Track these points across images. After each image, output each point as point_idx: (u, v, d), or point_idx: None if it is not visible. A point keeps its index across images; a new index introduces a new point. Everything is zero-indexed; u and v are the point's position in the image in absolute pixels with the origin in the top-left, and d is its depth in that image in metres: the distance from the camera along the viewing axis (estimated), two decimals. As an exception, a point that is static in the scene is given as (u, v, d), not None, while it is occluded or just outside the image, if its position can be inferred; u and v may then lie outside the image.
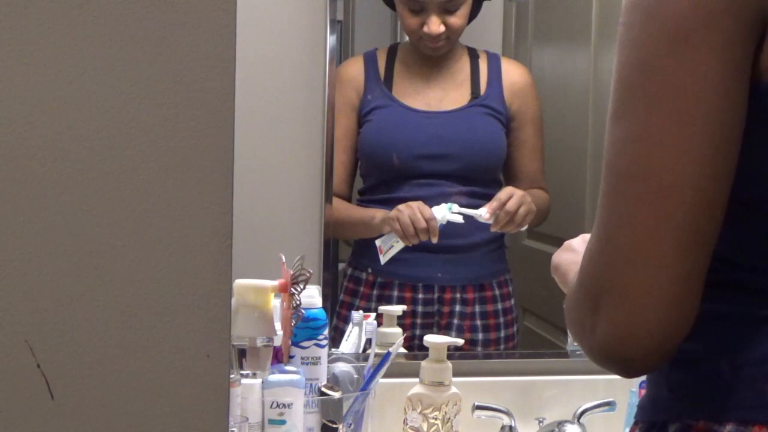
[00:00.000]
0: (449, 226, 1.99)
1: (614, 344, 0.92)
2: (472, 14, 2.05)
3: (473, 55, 2.08)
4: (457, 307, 2.05)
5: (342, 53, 2.03)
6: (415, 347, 1.98)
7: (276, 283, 1.63)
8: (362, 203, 2.06)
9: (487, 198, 2.03)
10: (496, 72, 2.07)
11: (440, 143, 2.03)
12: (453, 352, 1.86)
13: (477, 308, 2.05)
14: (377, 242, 1.99)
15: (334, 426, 1.63)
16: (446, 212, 1.97)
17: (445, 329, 2.03)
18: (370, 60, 2.06)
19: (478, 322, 2.05)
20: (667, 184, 0.90)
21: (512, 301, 2.09)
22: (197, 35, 0.95)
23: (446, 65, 2.08)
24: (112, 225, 0.94)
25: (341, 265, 2.06)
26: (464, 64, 2.07)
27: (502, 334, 2.07)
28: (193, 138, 0.95)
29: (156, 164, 0.94)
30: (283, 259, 1.66)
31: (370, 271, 2.04)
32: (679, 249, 0.90)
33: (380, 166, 2.04)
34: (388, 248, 1.99)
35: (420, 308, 2.04)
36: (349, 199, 2.05)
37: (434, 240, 1.97)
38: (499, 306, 2.07)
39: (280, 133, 1.92)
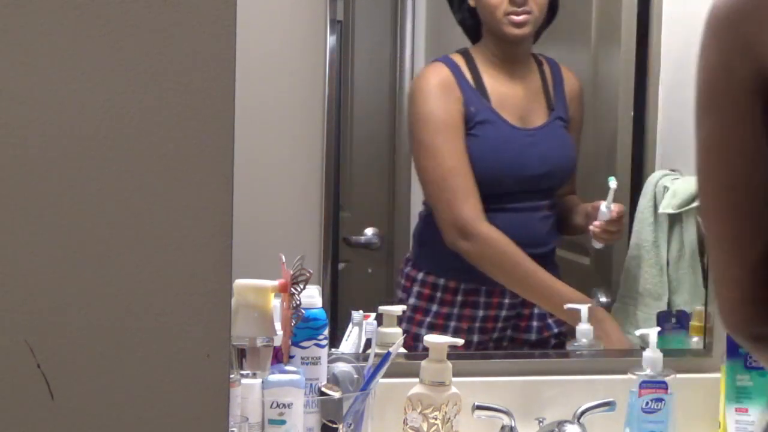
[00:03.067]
0: (533, 235, 2.05)
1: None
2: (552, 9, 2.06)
3: (537, 61, 2.08)
4: (536, 309, 2.07)
5: (342, 53, 2.02)
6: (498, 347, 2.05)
7: (276, 283, 1.63)
8: None
9: (557, 208, 2.09)
10: (559, 80, 2.08)
11: (543, 162, 2.06)
12: (453, 352, 1.86)
13: (535, 309, 2.09)
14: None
15: (334, 426, 1.63)
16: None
17: (524, 332, 2.07)
18: (452, 66, 2.02)
19: (534, 323, 2.08)
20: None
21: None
22: (197, 35, 0.95)
23: (523, 74, 2.08)
24: (112, 225, 0.94)
25: (342, 265, 2.06)
26: (535, 73, 2.07)
27: (555, 331, 2.10)
28: (193, 138, 0.95)
29: (156, 164, 0.94)
30: (283, 259, 1.66)
31: (451, 276, 2.04)
32: None
33: (488, 183, 2.01)
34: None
35: (504, 312, 2.05)
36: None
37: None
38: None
39: (280, 133, 1.92)
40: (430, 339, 1.78)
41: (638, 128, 2.15)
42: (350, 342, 1.93)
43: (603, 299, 2.15)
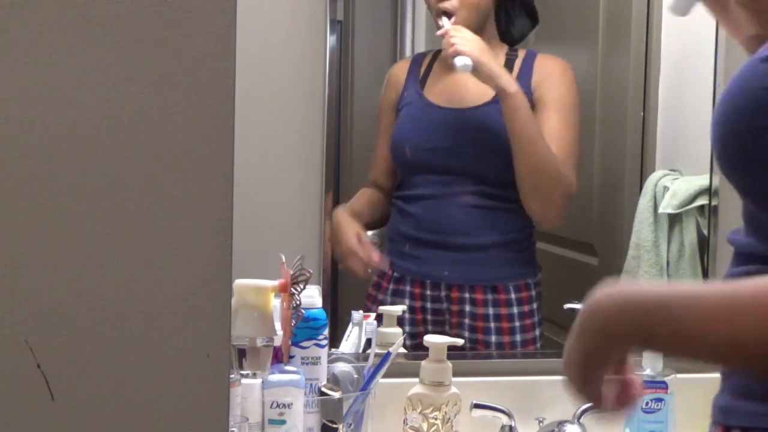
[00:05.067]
0: (448, 223, 2.01)
1: None
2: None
3: (511, 55, 2.04)
4: (467, 307, 2.03)
5: (342, 53, 2.03)
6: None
7: (276, 283, 1.63)
8: (393, 199, 2.07)
9: (500, 200, 2.02)
10: (528, 67, 2.03)
11: (448, 137, 2.01)
12: (454, 352, 1.86)
13: (490, 310, 2.03)
14: None
15: (334, 426, 1.63)
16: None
17: (456, 328, 2.02)
18: (416, 60, 2.08)
19: (492, 324, 2.03)
20: None
21: (534, 306, 2.05)
22: (197, 35, 0.95)
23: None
24: (112, 225, 0.94)
25: (341, 265, 2.06)
26: (498, 63, 2.04)
27: (518, 338, 2.04)
28: (193, 138, 0.95)
29: (156, 164, 0.94)
30: (283, 259, 1.66)
31: (390, 266, 2.05)
32: None
33: (398, 159, 2.05)
34: None
35: (429, 305, 2.03)
36: (388, 189, 2.07)
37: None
38: (515, 310, 2.04)
39: (280, 132, 1.92)
40: (430, 339, 1.78)
41: (644, 128, 2.16)
42: (350, 342, 1.93)
43: None
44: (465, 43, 1.95)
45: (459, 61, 1.94)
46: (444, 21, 1.99)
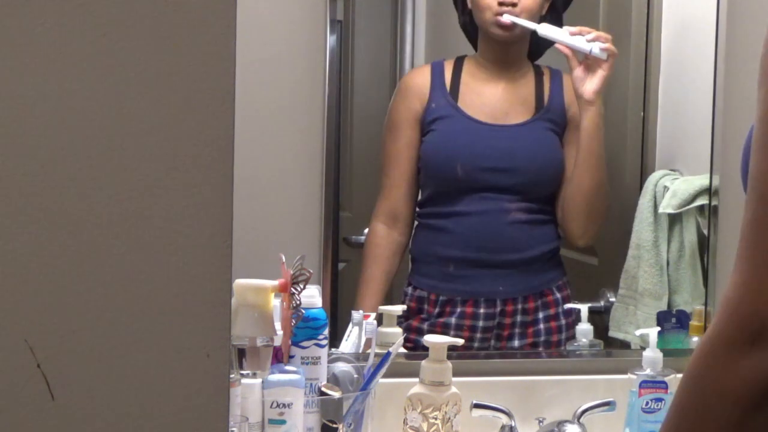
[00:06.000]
0: (498, 240, 2.04)
1: None
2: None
3: (538, 71, 2.06)
4: (519, 318, 2.05)
5: (342, 53, 2.03)
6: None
7: (276, 283, 1.63)
8: (420, 217, 2.06)
9: (545, 213, 2.06)
10: (558, 85, 2.06)
11: (505, 157, 2.03)
12: (452, 352, 1.86)
13: (540, 314, 2.06)
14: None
15: (334, 426, 1.63)
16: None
17: (506, 340, 2.05)
18: (437, 70, 2.06)
19: (541, 326, 2.06)
20: None
21: (573, 304, 2.08)
22: (197, 35, 0.95)
23: (512, 78, 2.07)
24: (112, 225, 0.94)
25: (342, 265, 2.06)
26: (529, 79, 2.06)
27: (563, 336, 2.07)
28: (193, 138, 0.95)
29: (156, 164, 0.94)
30: (283, 259, 1.66)
31: (431, 289, 2.04)
32: None
33: (442, 176, 2.04)
34: None
35: (481, 323, 2.04)
36: (408, 214, 2.05)
37: None
38: (560, 309, 2.07)
39: (280, 133, 1.92)
40: (430, 339, 1.78)
41: (644, 128, 2.16)
42: (350, 342, 1.93)
43: (612, 299, 2.15)
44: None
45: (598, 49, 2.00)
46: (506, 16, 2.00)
